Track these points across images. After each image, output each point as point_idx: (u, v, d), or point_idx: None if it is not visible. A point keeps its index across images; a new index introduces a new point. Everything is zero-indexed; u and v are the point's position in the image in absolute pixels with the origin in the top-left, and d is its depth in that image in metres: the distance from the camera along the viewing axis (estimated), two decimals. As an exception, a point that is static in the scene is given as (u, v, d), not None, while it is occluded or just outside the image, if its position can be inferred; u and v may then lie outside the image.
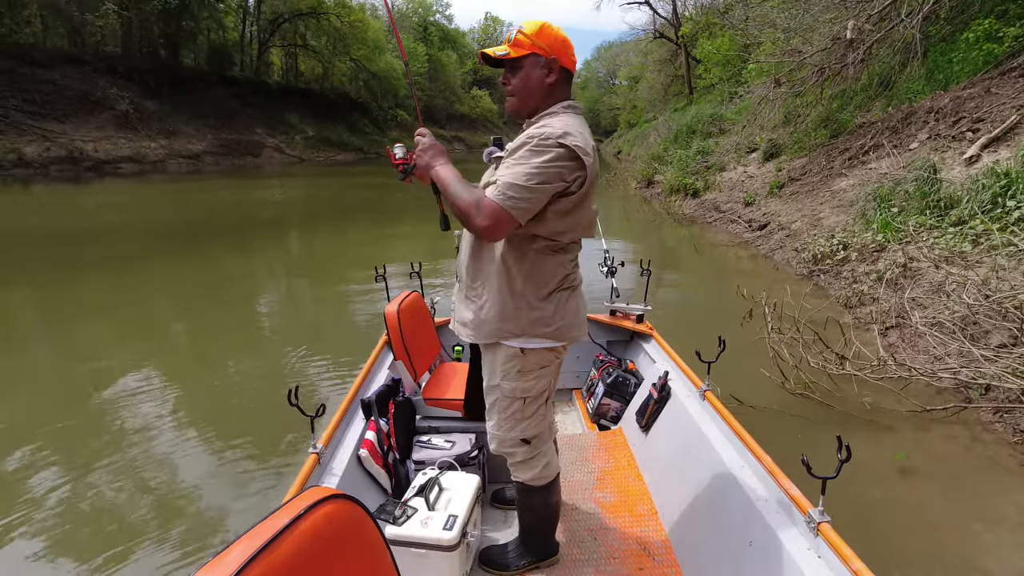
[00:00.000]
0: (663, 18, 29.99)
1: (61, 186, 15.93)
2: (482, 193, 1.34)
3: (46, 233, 9.16)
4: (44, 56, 22.31)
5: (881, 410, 3.17)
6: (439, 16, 53.94)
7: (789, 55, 10.02)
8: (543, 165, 1.31)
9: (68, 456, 2.97)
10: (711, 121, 15.74)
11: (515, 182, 1.30)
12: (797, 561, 1.35)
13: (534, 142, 1.33)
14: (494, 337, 1.51)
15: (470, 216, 1.32)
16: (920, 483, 2.64)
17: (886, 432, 2.99)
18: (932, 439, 2.92)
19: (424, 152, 1.49)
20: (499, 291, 1.47)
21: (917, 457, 2.79)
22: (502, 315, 1.48)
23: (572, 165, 1.34)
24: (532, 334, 1.49)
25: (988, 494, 2.52)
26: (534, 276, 1.46)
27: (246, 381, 4.00)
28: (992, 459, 2.68)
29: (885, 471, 2.69)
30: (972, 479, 2.61)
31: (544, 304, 1.48)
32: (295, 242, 9.76)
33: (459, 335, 1.60)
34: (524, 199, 1.30)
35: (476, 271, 1.52)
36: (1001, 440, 2.80)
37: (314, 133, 32.05)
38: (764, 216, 8.53)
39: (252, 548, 0.77)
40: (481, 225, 1.32)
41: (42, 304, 5.72)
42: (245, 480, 2.77)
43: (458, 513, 1.70)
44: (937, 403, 3.13)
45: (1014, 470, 2.58)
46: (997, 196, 4.76)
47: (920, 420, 3.05)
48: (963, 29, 8.03)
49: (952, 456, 2.78)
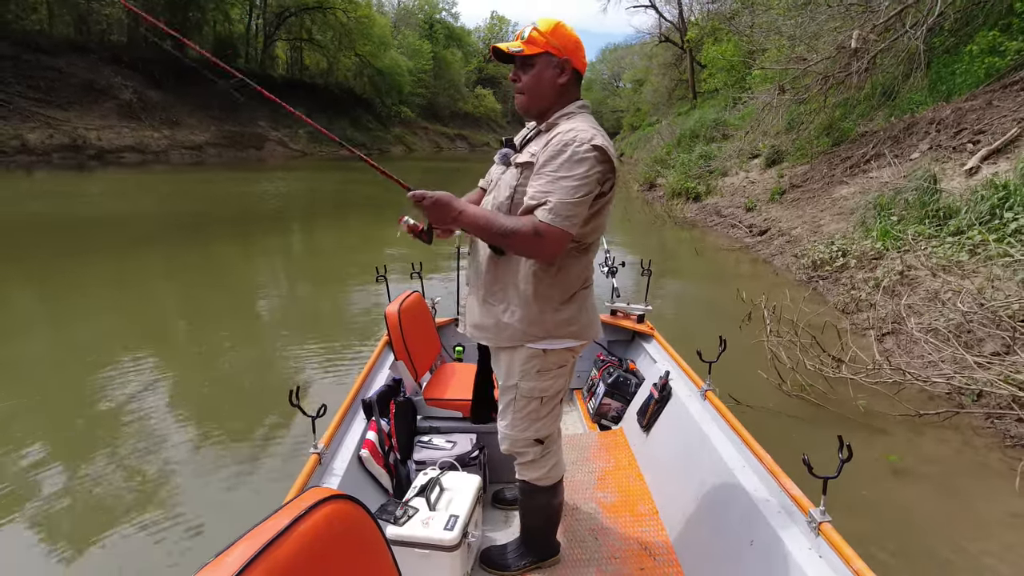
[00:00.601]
0: (669, 22, 30.08)
1: (64, 174, 15.92)
2: (533, 219, 1.29)
3: (48, 220, 9.18)
4: (50, 44, 22.26)
5: (875, 413, 3.23)
6: (445, 14, 54.02)
7: (793, 63, 10.09)
8: (586, 175, 1.30)
9: (65, 451, 2.95)
10: (714, 126, 15.80)
11: (566, 199, 1.28)
12: (798, 561, 1.35)
13: (570, 150, 1.30)
14: (517, 341, 1.49)
15: (532, 245, 1.30)
16: (911, 484, 2.69)
17: (879, 434, 3.04)
18: (925, 442, 2.97)
19: (433, 209, 1.35)
20: (524, 296, 1.45)
21: (909, 459, 2.84)
22: (527, 319, 1.46)
23: (605, 168, 1.34)
24: (557, 335, 1.49)
25: (978, 496, 2.57)
26: (561, 278, 1.45)
27: (246, 380, 3.97)
28: (983, 463, 2.74)
29: (877, 472, 2.75)
30: (963, 481, 2.66)
31: (568, 305, 1.48)
32: (297, 237, 9.80)
33: (475, 339, 1.58)
34: (577, 214, 1.30)
35: (497, 276, 1.49)
36: (992, 445, 2.85)
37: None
38: (765, 221, 8.58)
39: (253, 548, 0.77)
40: (548, 252, 1.32)
41: (42, 291, 5.73)
42: (245, 480, 2.76)
43: (459, 513, 1.70)
44: (930, 408, 3.18)
45: (1004, 473, 2.63)
46: (995, 207, 4.82)
47: (913, 424, 3.10)
48: (967, 41, 8.09)
49: (944, 459, 2.83)
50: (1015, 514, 2.42)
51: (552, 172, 1.31)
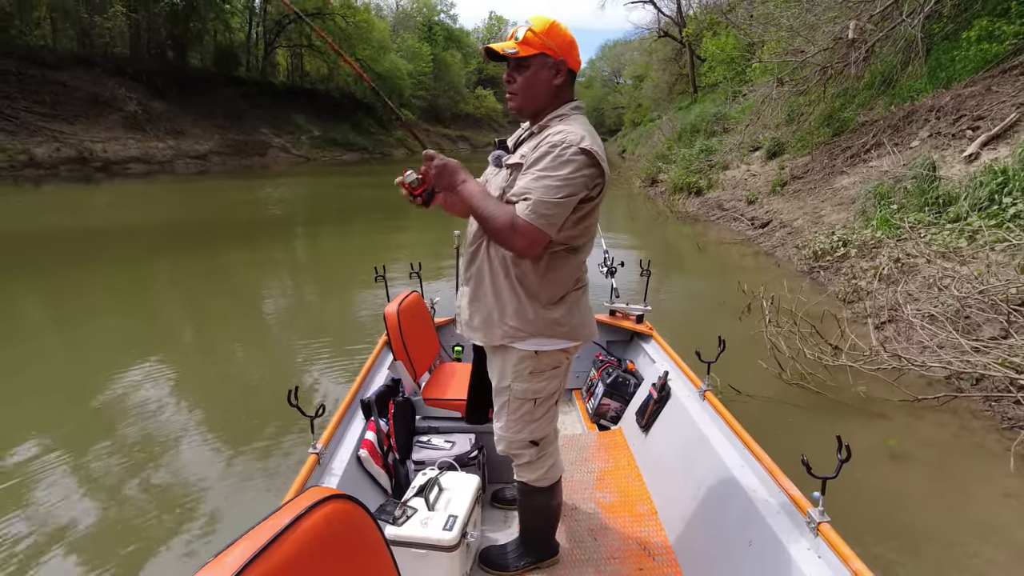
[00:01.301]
0: (667, 17, 30.03)
1: (72, 186, 16.13)
2: (513, 211, 1.30)
3: (63, 231, 9.36)
4: (54, 58, 22.53)
5: (874, 399, 3.27)
6: (444, 16, 54.18)
7: (792, 55, 10.08)
8: (570, 177, 1.29)
9: (67, 451, 2.96)
10: (715, 120, 15.79)
11: (546, 198, 1.28)
12: (797, 561, 1.35)
13: (557, 151, 1.30)
14: (506, 340, 1.49)
15: (506, 237, 1.31)
16: (908, 467, 2.74)
17: (878, 419, 3.09)
18: (923, 426, 3.01)
19: (440, 173, 1.38)
20: (511, 294, 1.45)
21: (907, 443, 2.89)
22: (515, 317, 1.46)
23: (593, 172, 1.33)
24: (547, 335, 1.48)
25: (973, 477, 2.62)
26: (549, 278, 1.44)
27: (246, 380, 3.99)
28: (980, 445, 2.78)
29: (876, 455, 2.80)
30: (959, 463, 2.71)
31: (559, 305, 1.47)
32: (300, 241, 9.89)
33: (467, 338, 1.58)
34: (556, 214, 1.30)
35: (485, 274, 1.49)
36: (989, 427, 2.90)
37: (320, 133, 32.25)
38: (766, 214, 8.60)
39: (252, 549, 0.77)
40: (520, 246, 1.31)
41: (53, 297, 5.85)
42: (244, 480, 2.76)
43: (458, 513, 1.70)
44: (929, 393, 3.23)
45: (1000, 455, 2.68)
46: (994, 193, 4.84)
47: (912, 409, 3.15)
48: (966, 27, 8.06)
49: (941, 442, 2.88)
50: (1008, 494, 2.46)
51: (537, 171, 1.31)
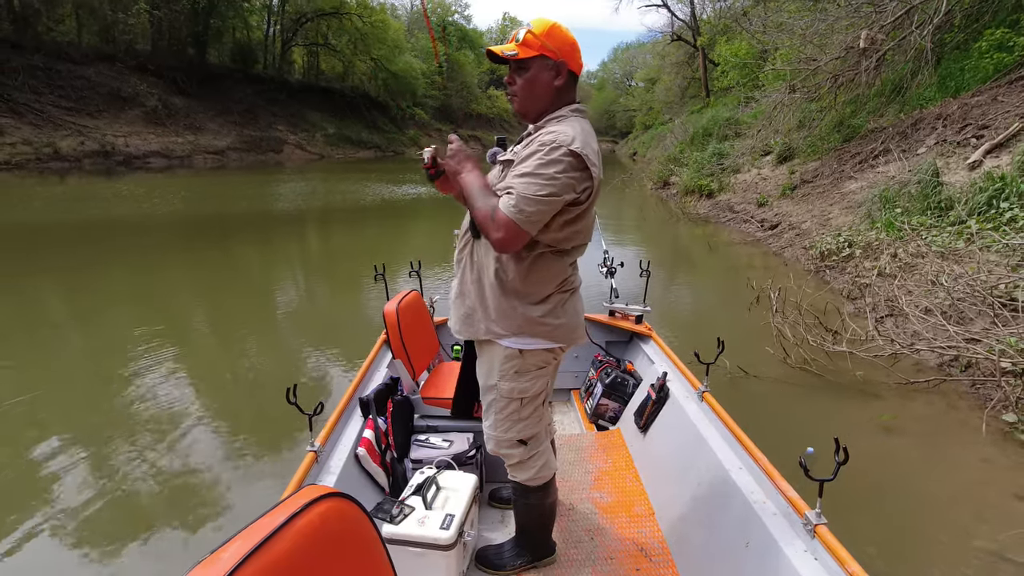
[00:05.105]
0: (681, 21, 30.21)
1: (95, 179, 16.56)
2: (497, 203, 1.31)
3: (95, 221, 9.79)
4: (79, 54, 23.14)
5: (871, 382, 3.58)
6: (458, 16, 54.61)
7: (804, 63, 10.32)
8: (555, 176, 1.29)
9: (63, 443, 2.98)
10: (727, 124, 16.01)
11: (527, 195, 1.28)
12: (794, 563, 1.35)
13: (546, 150, 1.30)
14: (486, 335, 1.50)
15: (486, 228, 1.32)
16: (899, 437, 3.05)
17: (874, 399, 3.40)
18: (915, 406, 3.32)
19: (452, 157, 1.46)
20: (492, 289, 1.46)
21: (900, 419, 3.19)
22: (495, 313, 1.47)
23: (582, 175, 1.32)
24: (529, 333, 1.48)
25: (954, 444, 2.94)
26: (532, 277, 1.44)
27: (246, 375, 4.02)
28: (963, 421, 3.09)
29: (870, 429, 3.10)
30: (943, 436, 3.03)
31: (541, 305, 1.47)
32: (313, 238, 10.06)
33: (454, 333, 1.59)
34: (536, 212, 1.29)
35: (470, 269, 1.51)
36: (973, 406, 3.21)
37: (334, 131, 32.74)
38: (776, 216, 8.85)
39: (247, 546, 0.77)
40: (495, 238, 1.31)
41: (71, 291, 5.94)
42: (242, 477, 2.77)
43: (455, 512, 1.69)
44: (920, 378, 3.53)
45: (980, 429, 2.98)
46: (992, 199, 5.09)
47: (906, 391, 3.46)
48: (977, 38, 8.27)
49: (929, 418, 3.19)
50: (984, 459, 2.78)
51: (523, 168, 1.33)
